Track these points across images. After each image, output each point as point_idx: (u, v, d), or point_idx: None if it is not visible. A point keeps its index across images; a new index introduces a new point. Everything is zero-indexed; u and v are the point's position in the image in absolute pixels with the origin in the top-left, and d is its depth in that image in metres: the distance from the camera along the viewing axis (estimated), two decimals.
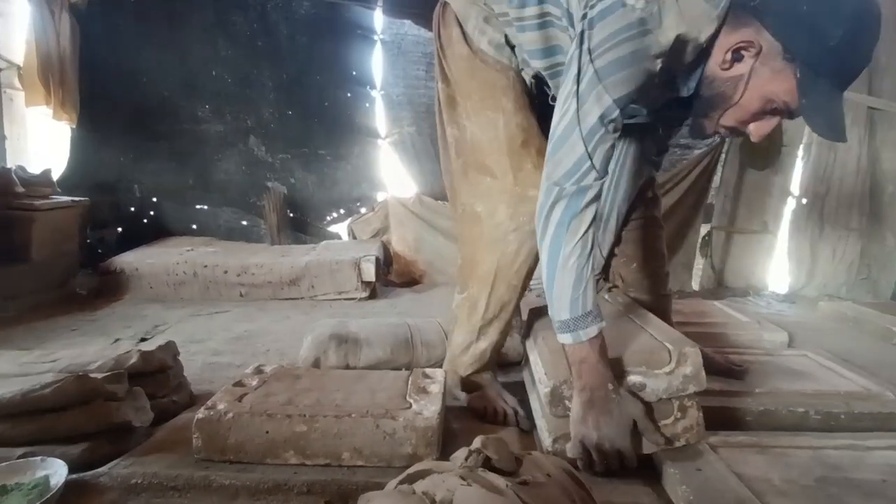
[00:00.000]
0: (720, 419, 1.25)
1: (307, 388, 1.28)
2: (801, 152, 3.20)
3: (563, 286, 1.07)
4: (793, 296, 3.11)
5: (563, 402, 1.12)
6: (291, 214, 3.57)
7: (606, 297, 1.55)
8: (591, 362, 1.06)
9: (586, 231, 1.06)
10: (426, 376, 1.36)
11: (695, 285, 3.34)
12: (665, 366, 1.10)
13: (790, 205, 3.24)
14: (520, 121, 1.32)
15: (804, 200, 3.17)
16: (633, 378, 1.10)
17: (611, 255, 1.56)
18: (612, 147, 1.06)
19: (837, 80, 0.96)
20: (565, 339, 1.09)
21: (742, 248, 3.31)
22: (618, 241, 1.54)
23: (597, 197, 1.07)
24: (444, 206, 3.20)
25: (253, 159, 3.54)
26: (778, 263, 3.30)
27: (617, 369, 1.10)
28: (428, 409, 1.16)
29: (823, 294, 3.07)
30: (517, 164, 1.31)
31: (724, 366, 1.50)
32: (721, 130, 1.10)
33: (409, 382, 1.31)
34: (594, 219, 1.08)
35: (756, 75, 0.99)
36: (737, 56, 1.00)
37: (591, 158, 1.03)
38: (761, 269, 3.30)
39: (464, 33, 1.33)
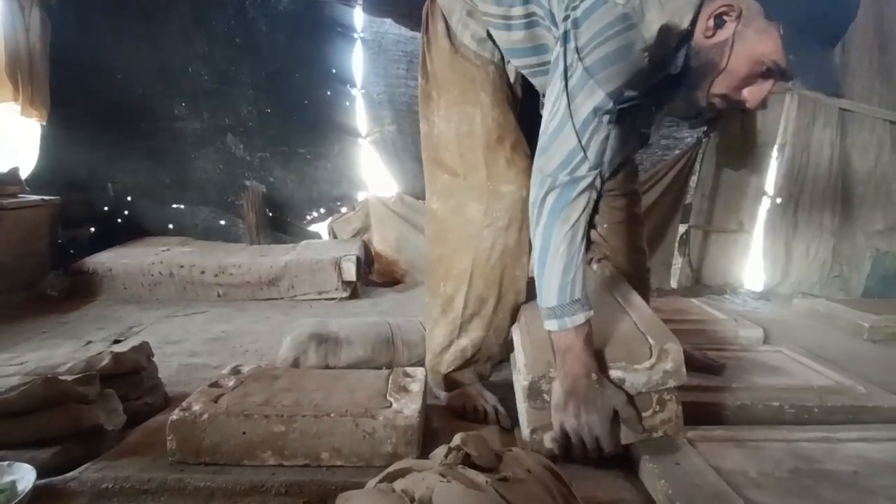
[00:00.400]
0: (698, 414, 1.26)
1: (286, 388, 1.26)
2: (775, 152, 3.26)
3: (553, 273, 1.07)
4: (768, 293, 3.16)
5: (541, 396, 1.12)
6: (270, 214, 3.52)
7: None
8: (576, 350, 1.07)
9: (578, 219, 1.06)
10: (407, 375, 1.35)
11: (673, 283, 3.38)
12: (645, 361, 1.10)
13: (765, 204, 3.30)
14: (496, 116, 1.32)
15: (779, 200, 3.23)
16: (612, 373, 1.10)
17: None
18: (607, 138, 1.06)
19: (823, 34, 0.97)
20: (552, 325, 1.09)
21: (719, 246, 3.37)
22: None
23: (589, 187, 1.07)
24: (425, 205, 3.18)
25: (231, 158, 3.49)
26: (754, 262, 3.36)
27: (597, 361, 1.09)
28: (408, 408, 1.15)
29: (797, 291, 3.13)
30: (492, 159, 1.32)
31: (703, 362, 1.52)
32: (715, 101, 1.09)
33: (390, 381, 1.30)
34: (586, 207, 1.08)
35: (740, 38, 1.00)
36: (718, 22, 1.01)
37: (584, 150, 1.04)
38: (738, 267, 3.36)
39: (448, 28, 1.33)
